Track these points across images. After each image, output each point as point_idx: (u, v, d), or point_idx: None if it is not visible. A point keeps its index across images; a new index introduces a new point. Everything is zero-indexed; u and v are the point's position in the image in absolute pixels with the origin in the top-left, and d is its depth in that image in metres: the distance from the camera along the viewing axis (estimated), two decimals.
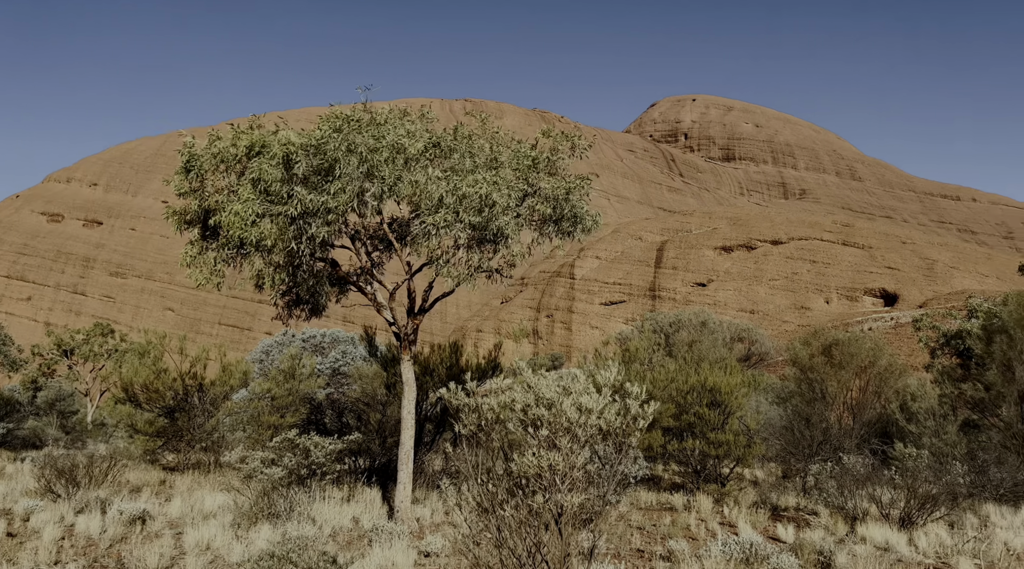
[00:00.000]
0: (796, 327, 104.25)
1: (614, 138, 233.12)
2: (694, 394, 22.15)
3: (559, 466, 6.97)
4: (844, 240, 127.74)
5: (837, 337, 29.00)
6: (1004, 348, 26.01)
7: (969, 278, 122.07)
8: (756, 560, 11.19)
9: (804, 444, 23.18)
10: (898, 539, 13.87)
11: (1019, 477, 21.73)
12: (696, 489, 20.43)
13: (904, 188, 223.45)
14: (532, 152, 15.32)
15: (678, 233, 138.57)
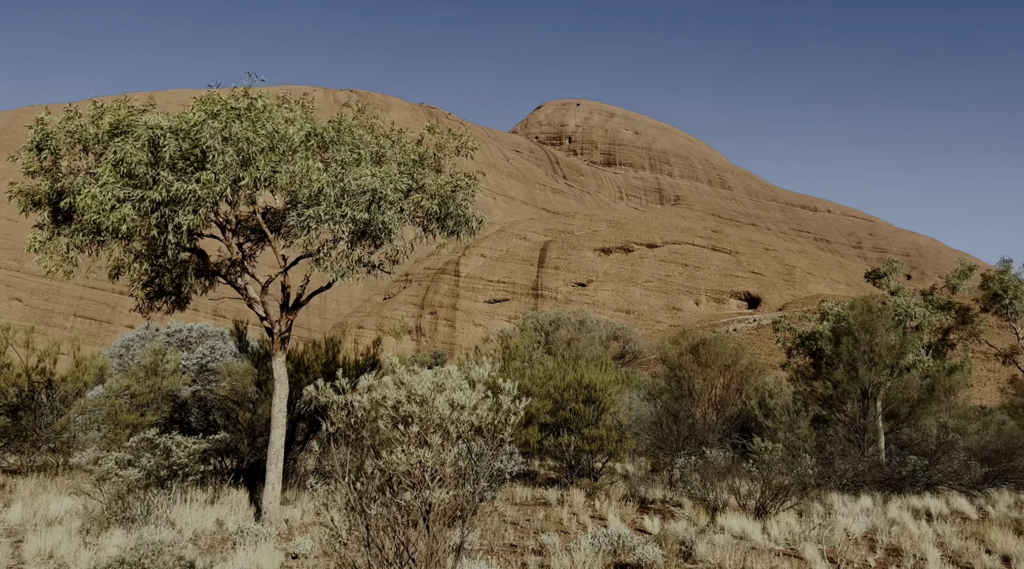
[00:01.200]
0: (668, 327, 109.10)
1: (501, 138, 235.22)
2: (571, 391, 22.70)
3: (429, 463, 6.94)
4: (714, 245, 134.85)
5: (704, 337, 30.54)
6: (850, 349, 28.27)
7: (823, 283, 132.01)
8: (623, 551, 11.59)
9: (672, 439, 24.26)
10: (753, 528, 14.76)
11: (860, 468, 23.68)
12: (570, 484, 20.94)
13: (768, 198, 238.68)
14: (418, 148, 15.16)
15: (561, 234, 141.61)
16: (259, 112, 13.71)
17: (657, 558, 11.25)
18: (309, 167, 13.45)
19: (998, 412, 38.91)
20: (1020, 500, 22.30)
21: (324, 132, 14.41)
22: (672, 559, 11.40)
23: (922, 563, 12.52)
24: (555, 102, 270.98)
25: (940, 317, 30.31)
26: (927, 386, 30.50)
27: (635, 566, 11.33)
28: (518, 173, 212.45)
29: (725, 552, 11.59)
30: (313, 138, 14.23)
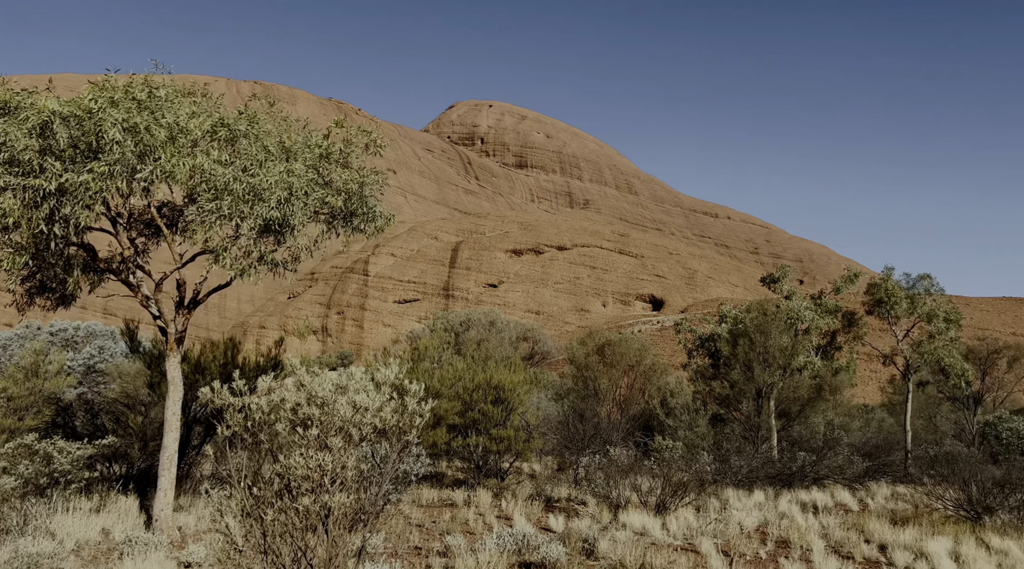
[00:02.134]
0: (576, 328, 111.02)
1: (413, 136, 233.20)
2: (480, 392, 22.73)
3: (329, 466, 6.78)
4: (621, 249, 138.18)
5: (609, 338, 31.24)
6: (746, 350, 29.55)
7: (723, 287, 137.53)
8: (528, 551, 11.69)
9: (578, 438, 24.65)
10: (654, 524, 15.19)
11: (754, 464, 24.76)
12: (477, 484, 20.96)
13: (673, 204, 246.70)
14: (324, 142, 14.79)
15: (473, 234, 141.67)
16: (161, 102, 13.06)
17: (561, 556, 11.40)
18: (212, 160, 12.91)
19: (879, 410, 41.63)
20: (896, 492, 23.87)
21: (235, 125, 13.84)
22: (575, 557, 11.59)
23: (808, 553, 13.21)
24: (468, 102, 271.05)
25: (828, 320, 32.04)
26: (816, 386, 32.25)
27: (539, 565, 11.45)
28: (430, 172, 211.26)
29: (626, 548, 11.87)
30: (221, 130, 13.65)
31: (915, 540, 14.06)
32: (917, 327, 31.95)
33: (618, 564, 11.55)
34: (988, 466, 21.55)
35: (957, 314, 30.31)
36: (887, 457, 29.32)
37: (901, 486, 25.23)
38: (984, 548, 13.69)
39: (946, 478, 18.57)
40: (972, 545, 13.43)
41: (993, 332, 75.45)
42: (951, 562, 12.16)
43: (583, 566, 11.62)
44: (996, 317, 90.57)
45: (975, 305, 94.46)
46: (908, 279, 30.88)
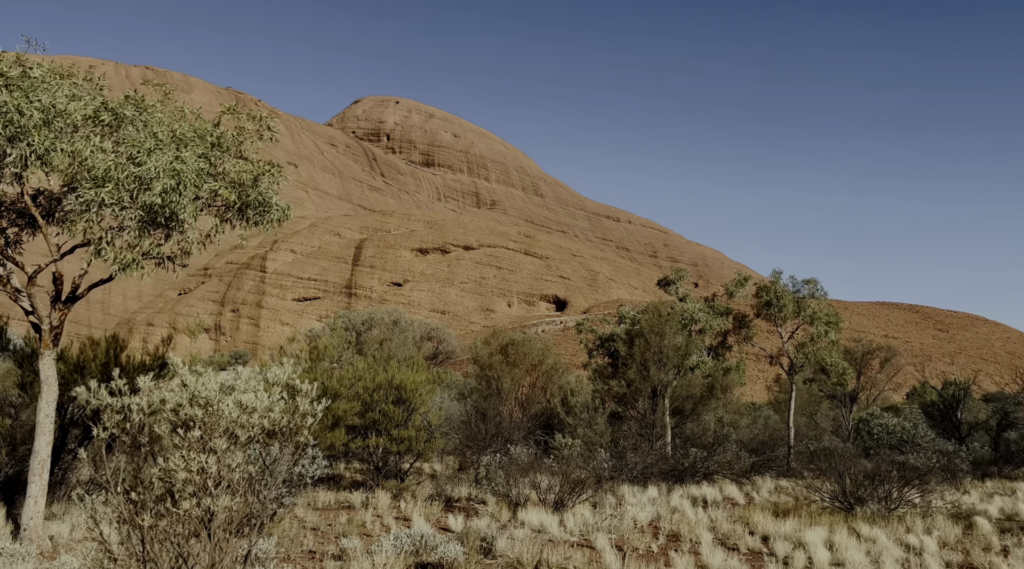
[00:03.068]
0: (481, 328, 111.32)
1: (316, 130, 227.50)
2: (381, 392, 22.41)
3: (213, 469, 6.48)
4: (526, 250, 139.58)
5: (513, 337, 31.48)
6: (642, 350, 30.46)
7: (623, 289, 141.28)
8: (425, 551, 11.61)
9: (480, 437, 24.71)
10: (552, 521, 15.41)
11: (648, 461, 25.54)
12: (376, 486, 20.66)
13: (577, 207, 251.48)
14: (216, 130, 14.16)
15: (377, 232, 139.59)
16: (36, 82, 12.18)
17: (459, 556, 11.39)
18: (93, 147, 12.13)
19: (765, 408, 43.83)
20: (780, 485, 25.17)
21: (120, 110, 13.05)
22: (473, 556, 11.60)
23: (697, 546, 13.73)
24: (374, 98, 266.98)
25: (720, 322, 33.43)
26: (708, 384, 33.62)
27: (437, 565, 11.39)
28: (333, 167, 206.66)
29: (523, 546, 11.98)
30: (105, 114, 12.83)
31: (794, 531, 14.86)
32: (801, 329, 33.80)
33: (515, 562, 11.64)
34: (861, 460, 23.04)
35: (837, 317, 32.24)
36: (772, 452, 30.92)
37: (784, 480, 26.60)
38: (855, 536, 14.64)
39: (824, 472, 19.74)
40: (845, 534, 14.33)
41: (868, 334, 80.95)
42: (825, 551, 12.92)
43: (481, 565, 11.65)
44: (871, 320, 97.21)
45: (852, 309, 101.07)
46: (795, 283, 32.60)
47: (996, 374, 78.46)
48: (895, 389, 59.74)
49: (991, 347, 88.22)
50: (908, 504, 18.11)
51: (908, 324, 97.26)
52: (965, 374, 74.18)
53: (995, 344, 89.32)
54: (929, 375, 74.57)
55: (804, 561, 12.44)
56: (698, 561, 12.36)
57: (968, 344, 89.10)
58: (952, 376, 52.86)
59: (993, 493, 23.27)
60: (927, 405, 38.26)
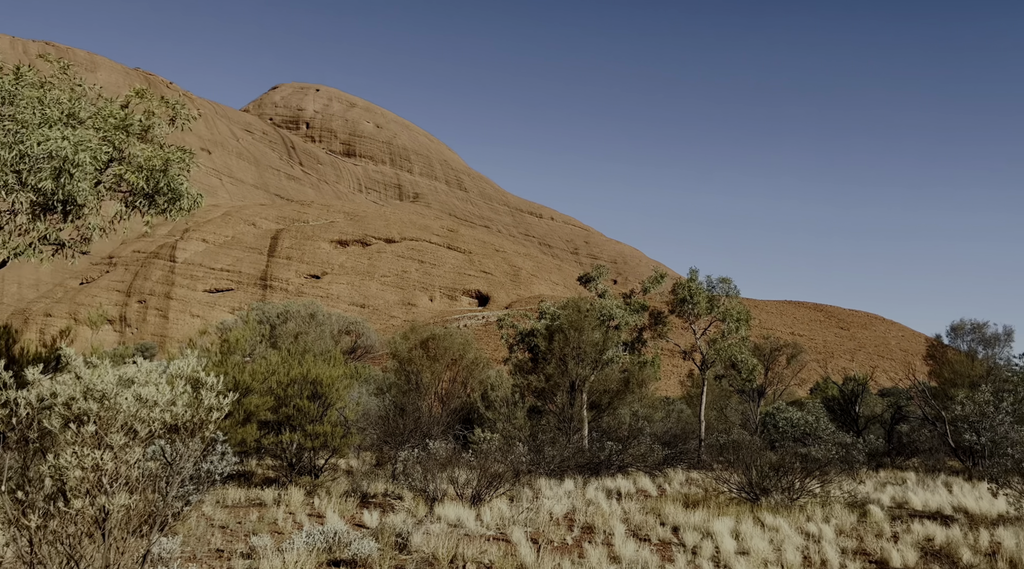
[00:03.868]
0: (402, 322, 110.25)
1: (231, 115, 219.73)
2: (295, 386, 21.86)
3: (108, 466, 6.13)
4: (449, 244, 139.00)
5: (433, 332, 31.29)
6: (561, 345, 30.83)
7: (545, 285, 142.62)
8: (338, 548, 11.39)
9: (398, 432, 24.47)
10: (468, 515, 15.40)
11: (565, 454, 25.88)
12: (290, 482, 20.16)
13: (500, 202, 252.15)
14: (122, 112, 13.46)
15: (295, 223, 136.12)
16: None
17: (373, 552, 11.22)
18: None
19: (679, 402, 45.12)
20: (690, 477, 25.95)
21: (4, 85, 12.21)
22: (387, 552, 11.46)
23: (610, 538, 14.00)
24: (293, 84, 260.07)
25: (637, 318, 34.20)
26: (624, 379, 34.36)
27: (350, 562, 11.20)
28: (249, 155, 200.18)
29: (439, 541, 11.92)
30: None
31: (703, 521, 15.36)
32: (714, 326, 34.93)
33: (431, 557, 11.57)
34: (767, 452, 24.01)
35: (748, 315, 33.46)
36: (684, 445, 31.85)
37: (695, 472, 27.45)
38: (760, 526, 15.24)
39: (732, 464, 20.47)
40: (750, 524, 14.90)
41: (776, 332, 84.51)
42: (732, 540, 13.39)
43: (395, 561, 11.52)
44: (779, 318, 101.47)
45: (762, 307, 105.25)
46: (709, 281, 33.62)
47: (891, 370, 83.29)
48: (800, 384, 62.63)
49: (887, 345, 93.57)
50: (809, 494, 18.98)
51: (813, 322, 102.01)
52: (863, 370, 78.51)
53: (891, 342, 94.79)
54: (831, 371, 78.52)
55: (711, 551, 12.85)
56: (611, 552, 12.59)
57: (867, 342, 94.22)
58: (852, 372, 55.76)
59: (886, 482, 24.67)
60: (828, 399, 40.24)
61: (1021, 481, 17.14)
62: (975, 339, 32.40)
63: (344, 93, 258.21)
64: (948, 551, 13.16)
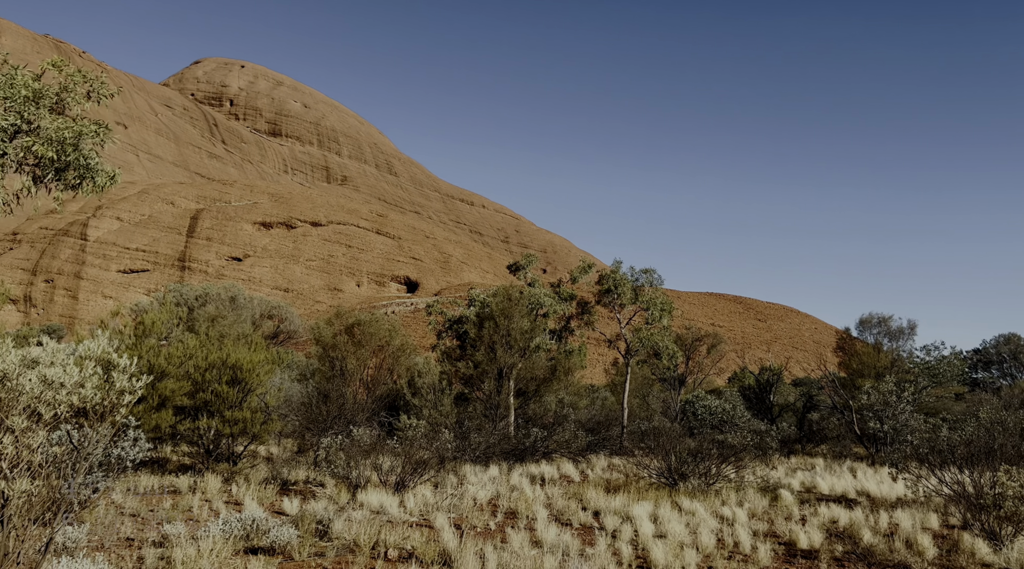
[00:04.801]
0: (328, 307, 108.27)
1: (150, 89, 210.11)
2: (214, 371, 21.21)
3: (8, 450, 5.78)
4: (378, 229, 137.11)
5: (359, 317, 30.86)
6: (491, 332, 30.90)
7: (475, 273, 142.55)
8: (256, 535, 11.14)
9: (320, 419, 24.09)
10: (392, 502, 15.30)
11: (491, 441, 26.03)
12: (206, 469, 19.57)
13: (431, 188, 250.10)
14: (35, 83, 12.67)
15: (216, 203, 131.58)
16: None
17: (292, 539, 11.02)
18: None
19: (603, 390, 45.96)
20: (612, 463, 26.50)
21: None
22: (308, 539, 11.27)
23: (533, 523, 14.16)
24: (216, 59, 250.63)
25: (564, 307, 34.61)
26: (551, 367, 34.73)
27: (268, 549, 10.96)
28: (168, 131, 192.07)
29: (361, 527, 11.80)
30: None
31: (624, 506, 15.71)
32: (638, 315, 35.67)
33: (352, 544, 11.45)
34: (686, 439, 24.73)
35: (670, 304, 34.29)
36: (607, 432, 32.49)
37: (617, 458, 28.04)
38: (678, 510, 15.71)
39: (652, 450, 21.00)
40: (668, 508, 15.33)
41: (697, 322, 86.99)
42: (650, 524, 13.75)
43: (315, 548, 11.34)
44: (700, 309, 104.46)
45: (685, 298, 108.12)
46: (633, 272, 34.28)
47: (804, 361, 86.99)
48: (719, 373, 64.74)
49: (801, 336, 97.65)
50: (725, 479, 19.66)
51: (732, 314, 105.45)
52: (779, 361, 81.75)
53: (805, 334, 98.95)
54: (748, 361, 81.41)
55: (631, 534, 13.17)
56: (533, 537, 12.74)
57: (783, 333, 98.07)
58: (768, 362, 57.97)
59: (797, 468, 25.80)
60: (745, 388, 41.72)
61: (918, 466, 18.21)
62: (881, 332, 34.17)
63: (270, 71, 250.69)
64: (851, 532, 13.88)
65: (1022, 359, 44.78)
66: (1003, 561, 11.28)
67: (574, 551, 11.58)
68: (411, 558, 10.95)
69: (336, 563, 10.62)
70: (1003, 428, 21.37)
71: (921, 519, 14.77)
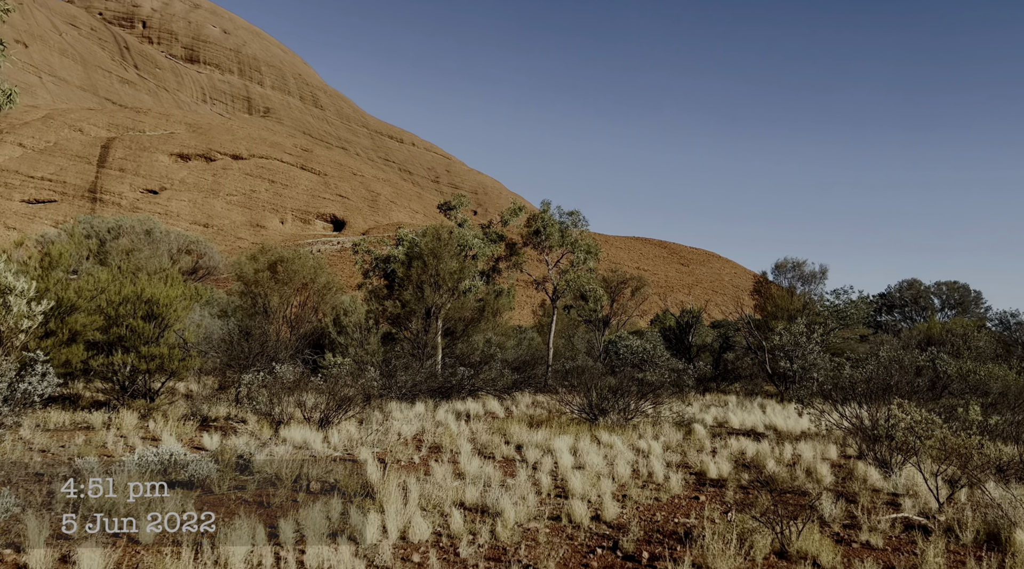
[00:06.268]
0: (251, 245, 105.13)
1: (52, 5, 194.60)
2: (128, 305, 20.45)
3: None
4: (303, 164, 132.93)
5: (282, 255, 30.15)
6: (419, 272, 30.73)
7: (404, 212, 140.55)
8: (174, 469, 10.97)
9: (242, 356, 23.65)
10: (315, 438, 15.29)
11: (418, 379, 26.17)
12: (122, 406, 19.03)
13: (359, 123, 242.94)
14: None
15: (129, 132, 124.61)
16: None
17: (212, 473, 10.91)
18: None
19: (530, 330, 46.65)
20: (537, 400, 27.08)
21: None
22: (228, 473, 11.18)
23: (456, 456, 14.42)
24: None
25: (494, 248, 34.63)
26: (480, 307, 34.95)
27: (187, 484, 10.83)
28: (75, 52, 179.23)
29: (283, 461, 11.77)
30: None
31: (545, 440, 16.15)
32: (565, 257, 36.06)
33: (274, 477, 11.42)
34: (607, 377, 25.46)
35: (597, 247, 34.76)
36: (533, 371, 33.12)
37: (541, 395, 28.67)
38: (597, 443, 16.26)
39: (575, 387, 21.56)
40: (588, 441, 15.85)
41: (623, 266, 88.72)
42: (570, 456, 14.21)
43: (236, 481, 11.27)
44: (626, 253, 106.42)
45: (612, 242, 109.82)
46: (561, 213, 34.47)
47: (723, 304, 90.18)
48: (642, 315, 66.54)
49: (721, 280, 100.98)
50: (643, 414, 20.42)
51: (657, 258, 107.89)
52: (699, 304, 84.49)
53: (724, 278, 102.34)
54: (670, 304, 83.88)
55: (551, 466, 13.58)
56: (456, 469, 12.99)
57: (704, 277, 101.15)
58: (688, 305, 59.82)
59: (711, 405, 26.98)
60: (666, 330, 43.06)
61: (822, 402, 19.32)
62: (795, 276, 35.65)
63: None
64: (757, 462, 14.70)
65: (922, 303, 47.67)
66: (891, 487, 12.18)
67: (496, 482, 11.88)
68: (334, 490, 11.02)
69: (257, 496, 10.59)
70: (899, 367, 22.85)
71: (822, 450, 15.75)
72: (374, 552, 8.24)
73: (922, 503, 10.94)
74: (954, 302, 47.87)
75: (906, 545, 9.19)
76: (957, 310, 47.47)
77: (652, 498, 11.59)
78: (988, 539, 9.28)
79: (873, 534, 9.39)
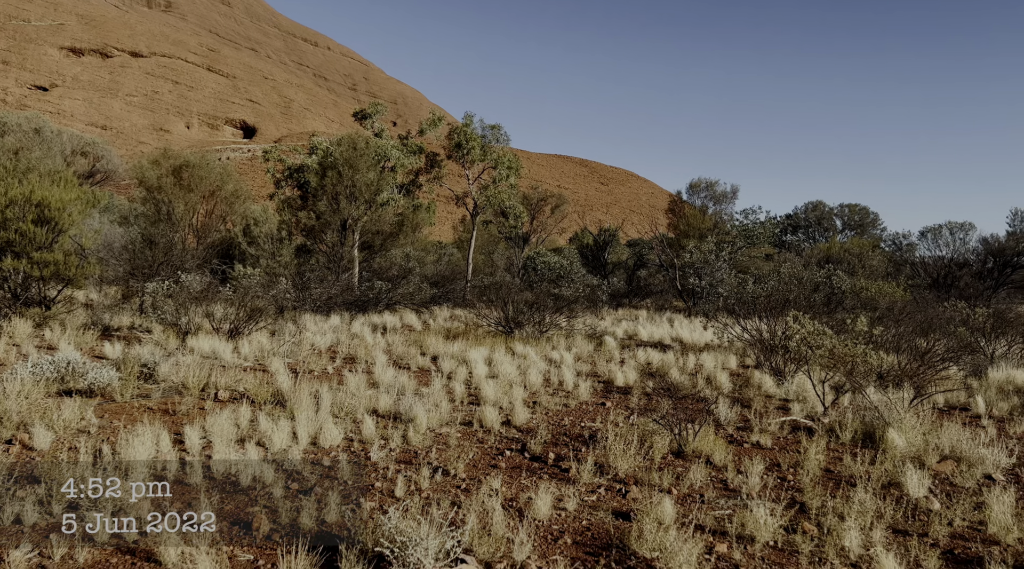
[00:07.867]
0: (154, 149, 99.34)
1: None
2: (16, 208, 19.11)
3: None
4: (209, 65, 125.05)
5: (188, 160, 28.64)
6: (334, 182, 29.84)
7: (320, 121, 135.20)
8: (73, 378, 10.56)
9: (146, 265, 22.67)
10: (225, 348, 14.96)
11: (333, 292, 25.82)
12: (14, 313, 18.04)
13: (271, 24, 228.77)
14: None
15: (12, 20, 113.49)
16: None
17: (113, 381, 10.56)
18: None
19: (450, 246, 46.48)
20: (455, 314, 27.26)
21: None
22: (131, 381, 10.85)
23: (371, 367, 14.44)
24: None
25: (413, 160, 33.88)
26: (398, 221, 34.42)
27: (87, 392, 10.46)
28: None
29: (190, 371, 11.50)
30: None
31: (461, 351, 16.35)
32: (486, 173, 35.70)
33: (180, 386, 11.16)
34: (525, 292, 25.80)
35: (518, 163, 34.51)
36: (452, 286, 33.20)
37: (460, 309, 28.86)
38: (511, 354, 16.58)
39: (492, 301, 21.77)
40: (503, 352, 16.14)
41: (544, 183, 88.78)
42: (485, 366, 14.46)
43: (140, 390, 10.97)
44: (547, 171, 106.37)
45: (533, 159, 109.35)
46: (483, 127, 33.87)
47: (639, 223, 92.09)
48: (561, 233, 67.25)
49: (639, 200, 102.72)
50: (557, 327, 20.89)
51: (577, 177, 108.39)
52: (616, 222, 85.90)
53: (642, 198, 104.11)
54: (588, 222, 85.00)
55: (466, 375, 13.81)
56: (370, 379, 13.03)
57: (622, 197, 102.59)
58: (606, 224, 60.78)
59: (622, 319, 27.84)
60: (583, 247, 43.73)
61: (726, 316, 20.22)
62: (708, 196, 36.54)
63: None
64: (661, 371, 15.37)
65: (825, 224, 49.94)
66: (783, 393, 13.01)
67: (410, 391, 12.00)
68: (243, 399, 10.89)
69: (162, 404, 10.36)
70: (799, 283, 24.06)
71: (723, 360, 16.59)
72: (283, 457, 8.25)
73: (809, 407, 11.74)
74: (854, 224, 50.36)
75: (792, 444, 9.89)
76: (857, 231, 50.01)
77: (561, 404, 11.99)
78: (864, 438, 10.09)
79: (763, 435, 10.05)
